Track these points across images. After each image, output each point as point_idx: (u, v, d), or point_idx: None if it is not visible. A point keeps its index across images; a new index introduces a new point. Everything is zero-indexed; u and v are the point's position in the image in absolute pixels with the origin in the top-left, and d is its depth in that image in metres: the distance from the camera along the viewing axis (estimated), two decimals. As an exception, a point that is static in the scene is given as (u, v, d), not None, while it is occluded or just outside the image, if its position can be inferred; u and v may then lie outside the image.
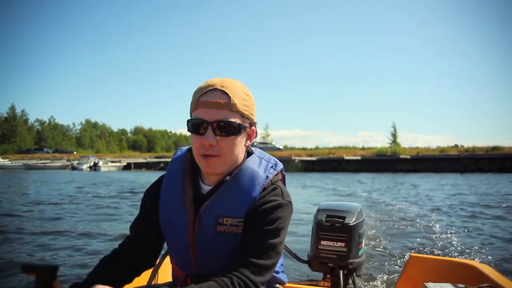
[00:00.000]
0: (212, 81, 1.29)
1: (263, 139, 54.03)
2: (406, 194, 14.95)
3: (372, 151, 45.66)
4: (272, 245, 1.25)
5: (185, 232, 1.33)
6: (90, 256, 5.28)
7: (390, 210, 10.20)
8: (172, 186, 1.38)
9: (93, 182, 22.37)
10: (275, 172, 1.36)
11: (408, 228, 7.65)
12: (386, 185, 19.92)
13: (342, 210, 2.74)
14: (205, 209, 1.30)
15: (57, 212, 9.65)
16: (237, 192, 1.30)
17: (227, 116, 1.24)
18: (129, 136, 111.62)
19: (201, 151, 1.26)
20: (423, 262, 2.58)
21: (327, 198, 14.32)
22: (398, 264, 4.90)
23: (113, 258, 1.38)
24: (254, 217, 1.27)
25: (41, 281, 1.07)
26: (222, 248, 1.31)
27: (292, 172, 35.31)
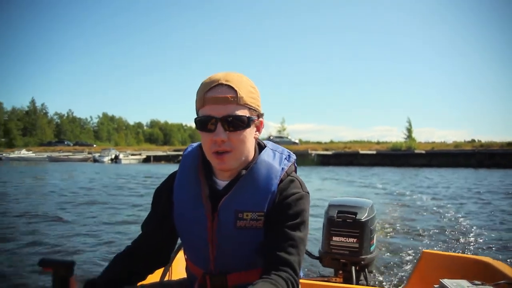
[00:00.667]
0: (216, 76, 1.28)
1: (279, 133, 55.01)
2: (419, 189, 14.94)
3: (387, 145, 46.17)
4: (302, 239, 1.26)
5: (203, 229, 1.32)
6: (106, 253, 5.32)
7: (402, 206, 10.20)
8: (186, 183, 1.38)
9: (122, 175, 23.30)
10: (289, 163, 1.37)
11: (420, 223, 7.62)
12: (400, 180, 20.18)
13: (354, 206, 2.77)
14: (223, 205, 1.29)
15: (79, 206, 9.96)
16: (254, 186, 1.30)
17: (235, 110, 1.23)
18: (145, 129, 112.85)
19: (213, 148, 1.25)
20: (436, 258, 2.56)
21: (346, 190, 15.02)
22: (410, 260, 4.88)
23: (127, 255, 1.38)
24: (278, 211, 1.28)
25: (58, 277, 1.07)
26: (242, 243, 1.30)
27: (308, 166, 36.04)
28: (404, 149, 41.34)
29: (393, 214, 8.81)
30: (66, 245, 5.74)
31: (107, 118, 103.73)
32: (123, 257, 1.37)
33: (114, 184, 16.71)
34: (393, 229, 7.00)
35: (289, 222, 1.25)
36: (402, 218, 8.20)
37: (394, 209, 9.48)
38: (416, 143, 45.07)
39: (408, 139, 47.90)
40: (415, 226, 7.36)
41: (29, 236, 6.28)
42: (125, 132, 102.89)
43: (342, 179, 20.73)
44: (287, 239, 1.23)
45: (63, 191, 13.65)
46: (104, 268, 1.33)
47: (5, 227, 7.05)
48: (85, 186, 15.33)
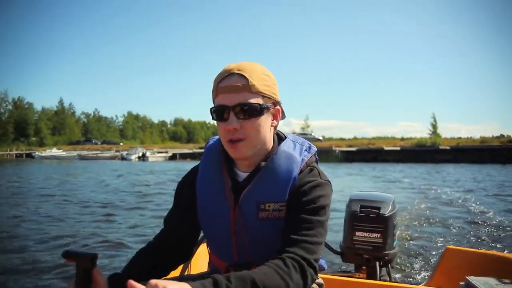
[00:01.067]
0: (229, 66, 1.29)
1: (303, 130, 55.39)
2: (443, 185, 14.92)
3: (411, 141, 45.91)
4: (319, 222, 1.24)
5: (227, 221, 1.32)
6: (130, 247, 5.43)
7: (425, 201, 10.09)
8: (209, 176, 1.38)
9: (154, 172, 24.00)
10: (309, 154, 1.37)
11: (443, 219, 7.55)
12: (424, 176, 20.24)
13: (376, 201, 2.74)
14: (244, 196, 1.30)
15: (108, 201, 10.29)
16: (275, 176, 1.30)
17: (248, 98, 1.23)
18: (169, 128, 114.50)
19: (227, 136, 1.26)
20: (460, 255, 2.50)
21: (368, 185, 15.28)
22: (432, 256, 4.84)
23: (149, 250, 1.38)
24: (295, 199, 1.27)
25: (81, 268, 1.09)
26: (265, 235, 1.30)
27: (332, 162, 36.27)
28: (429, 145, 41.00)
29: (416, 209, 8.77)
30: (90, 238, 5.98)
31: (132, 117, 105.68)
32: (146, 252, 1.37)
33: (157, 180, 17.46)
34: (416, 225, 6.95)
35: (306, 207, 1.25)
36: (425, 214, 8.17)
37: (417, 204, 9.45)
38: (441, 139, 44.76)
39: (433, 135, 47.61)
40: (438, 222, 7.34)
41: (55, 228, 6.69)
42: (150, 131, 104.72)
43: (367, 175, 21.01)
44: (302, 222, 1.23)
45: (106, 187, 14.45)
46: (127, 262, 1.34)
47: (37, 218, 7.60)
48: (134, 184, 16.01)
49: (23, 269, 4.49)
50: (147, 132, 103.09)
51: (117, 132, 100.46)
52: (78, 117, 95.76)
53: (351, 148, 43.45)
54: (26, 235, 6.20)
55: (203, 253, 1.68)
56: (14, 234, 6.32)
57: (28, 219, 7.64)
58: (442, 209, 8.82)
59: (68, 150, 60.81)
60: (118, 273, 1.27)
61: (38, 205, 9.61)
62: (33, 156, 54.51)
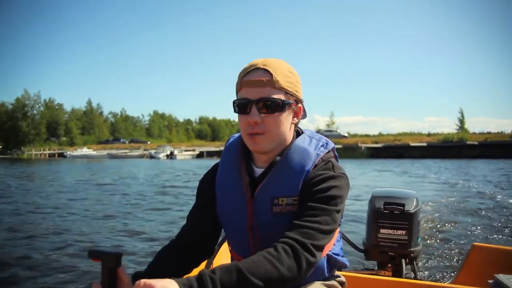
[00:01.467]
0: (255, 61, 1.30)
1: (328, 127, 55.52)
2: (468, 181, 14.82)
3: (438, 137, 45.68)
4: (324, 209, 1.22)
5: (243, 216, 1.34)
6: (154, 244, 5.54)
7: (450, 197, 10.04)
8: (228, 173, 1.40)
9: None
10: (326, 150, 1.36)
11: (469, 216, 7.48)
12: (450, 171, 20.23)
13: (400, 197, 2.70)
14: (259, 192, 1.31)
15: (140, 199, 10.59)
16: (289, 171, 1.30)
17: (270, 93, 1.25)
18: (194, 126, 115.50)
19: (248, 130, 1.27)
20: (487, 252, 2.45)
21: (393, 181, 15.36)
22: (458, 254, 4.79)
23: (172, 248, 1.39)
24: (306, 191, 1.27)
25: (107, 267, 1.11)
26: (279, 229, 1.27)
27: (358, 159, 36.45)
28: (456, 140, 40.81)
29: (441, 205, 8.73)
30: (115, 237, 6.09)
31: (158, 116, 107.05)
32: (168, 249, 1.39)
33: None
34: (441, 221, 6.86)
35: (314, 196, 1.24)
36: (450, 210, 8.11)
37: (441, 201, 9.40)
38: (469, 135, 44.27)
39: (460, 130, 47.06)
40: (464, 218, 7.28)
41: (82, 226, 6.93)
42: (176, 129, 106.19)
43: (392, 171, 21.20)
44: (306, 209, 1.22)
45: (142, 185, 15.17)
46: (150, 260, 1.36)
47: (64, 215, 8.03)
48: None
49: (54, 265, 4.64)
50: (174, 131, 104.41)
51: (144, 131, 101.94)
52: (106, 117, 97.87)
53: (377, 144, 43.63)
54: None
55: (226, 251, 1.67)
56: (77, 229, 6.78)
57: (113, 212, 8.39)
58: (467, 205, 8.77)
59: (97, 149, 62.54)
60: (141, 271, 1.30)
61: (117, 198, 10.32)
62: (65, 156, 56.31)
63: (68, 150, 61.71)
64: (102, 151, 58.91)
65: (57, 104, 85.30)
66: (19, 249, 5.34)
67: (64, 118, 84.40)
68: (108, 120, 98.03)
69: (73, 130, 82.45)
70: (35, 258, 4.92)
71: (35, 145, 70.56)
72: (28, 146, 70.99)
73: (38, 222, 7.32)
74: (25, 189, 13.52)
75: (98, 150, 61.00)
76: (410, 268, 2.76)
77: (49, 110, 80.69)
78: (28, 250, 5.29)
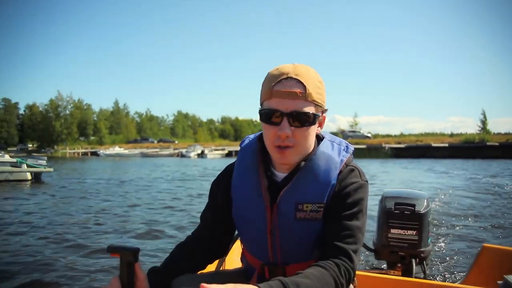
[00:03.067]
0: (285, 68, 1.26)
1: (352, 127, 57.26)
2: (483, 181, 14.74)
3: (459, 138, 46.89)
4: (359, 228, 1.26)
5: (262, 220, 1.33)
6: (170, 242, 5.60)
7: (462, 196, 10.14)
8: (245, 175, 1.38)
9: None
10: (347, 154, 1.36)
11: (479, 216, 7.49)
12: (468, 171, 20.53)
13: (411, 198, 2.72)
14: (283, 196, 1.29)
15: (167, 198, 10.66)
16: (314, 178, 1.29)
17: (303, 106, 1.22)
18: (217, 126, 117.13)
19: (276, 142, 1.24)
20: (498, 253, 2.43)
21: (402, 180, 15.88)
22: (468, 254, 4.78)
23: (187, 245, 1.43)
24: (336, 201, 1.27)
25: (125, 262, 1.16)
26: (301, 235, 1.30)
27: (382, 158, 38.11)
28: (477, 141, 41.92)
29: (452, 204, 8.80)
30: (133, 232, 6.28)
31: (182, 116, 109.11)
32: (183, 247, 1.43)
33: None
34: (451, 221, 6.93)
35: (347, 212, 1.25)
36: (461, 210, 8.16)
37: (452, 201, 9.45)
38: (490, 136, 45.49)
39: (482, 131, 48.22)
40: (475, 218, 7.31)
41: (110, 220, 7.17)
42: (201, 129, 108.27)
43: (415, 169, 22.29)
44: (344, 228, 1.23)
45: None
46: (166, 256, 1.40)
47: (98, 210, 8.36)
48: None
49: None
50: (201, 131, 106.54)
51: (168, 130, 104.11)
52: (131, 117, 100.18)
53: (400, 145, 45.09)
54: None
55: (238, 249, 1.72)
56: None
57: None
58: (480, 205, 8.83)
59: (128, 148, 64.93)
60: (157, 266, 1.35)
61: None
62: (98, 154, 58.46)
63: (101, 149, 64.15)
64: (133, 150, 61.11)
65: (86, 104, 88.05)
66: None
67: (92, 118, 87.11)
68: (134, 120, 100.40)
69: (102, 130, 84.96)
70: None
71: (67, 144, 73.63)
72: (61, 144, 74.14)
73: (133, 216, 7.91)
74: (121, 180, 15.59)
75: (129, 149, 63.31)
76: (420, 268, 2.78)
77: (78, 110, 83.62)
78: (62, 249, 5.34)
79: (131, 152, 58.63)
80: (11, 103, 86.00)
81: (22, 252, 5.10)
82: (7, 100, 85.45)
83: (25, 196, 11.32)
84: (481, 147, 40.06)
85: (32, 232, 6.23)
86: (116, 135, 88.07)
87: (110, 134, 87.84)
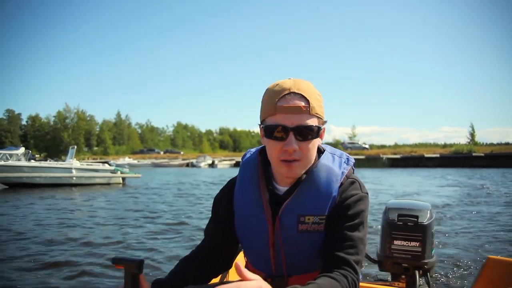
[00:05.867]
0: (286, 83, 1.29)
1: (350, 139, 61.42)
2: (479, 191, 15.14)
3: (450, 149, 51.48)
4: (361, 239, 1.29)
5: (265, 233, 1.36)
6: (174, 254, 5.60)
7: (463, 209, 10.12)
8: (247, 189, 1.41)
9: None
10: (348, 167, 1.39)
11: (483, 227, 7.49)
12: (459, 180, 21.52)
13: (414, 209, 2.74)
14: (285, 209, 1.33)
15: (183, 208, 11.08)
16: (316, 190, 1.33)
17: (307, 120, 1.26)
18: (215, 136, 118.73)
19: (283, 156, 1.27)
20: (503, 265, 2.34)
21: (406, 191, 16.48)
22: (473, 266, 4.77)
23: (191, 259, 1.46)
24: (338, 213, 1.30)
25: (129, 273, 1.16)
26: (304, 247, 1.33)
27: (380, 168, 42.13)
28: (465, 152, 46.51)
29: (455, 216, 8.82)
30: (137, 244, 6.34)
31: (181, 127, 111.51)
32: (188, 261, 1.45)
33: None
34: (455, 233, 6.92)
35: (349, 223, 1.29)
36: (463, 222, 8.16)
37: (455, 212, 9.56)
38: (477, 147, 50.36)
39: (470, 142, 52.96)
40: (478, 230, 7.26)
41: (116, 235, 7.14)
42: (200, 140, 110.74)
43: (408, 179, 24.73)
44: (346, 240, 1.26)
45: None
46: (170, 269, 1.43)
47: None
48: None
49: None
50: (205, 142, 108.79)
51: (168, 141, 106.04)
52: (134, 128, 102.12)
53: (396, 155, 49.31)
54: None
55: (241, 262, 1.56)
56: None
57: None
58: (481, 217, 8.81)
59: (137, 158, 67.71)
60: (161, 279, 1.36)
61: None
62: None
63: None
64: (143, 160, 63.87)
65: (89, 115, 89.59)
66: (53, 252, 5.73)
67: (96, 129, 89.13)
68: (136, 131, 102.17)
69: (107, 140, 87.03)
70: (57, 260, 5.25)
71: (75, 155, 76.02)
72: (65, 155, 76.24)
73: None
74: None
75: (138, 159, 66.07)
76: (424, 280, 2.76)
77: (81, 121, 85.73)
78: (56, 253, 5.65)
79: (141, 162, 61.15)
80: (15, 114, 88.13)
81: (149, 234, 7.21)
82: (10, 111, 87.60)
83: (121, 193, 16.00)
84: (469, 158, 44.38)
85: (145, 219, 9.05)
86: (119, 145, 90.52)
87: (113, 145, 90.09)
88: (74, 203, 12.77)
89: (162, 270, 4.76)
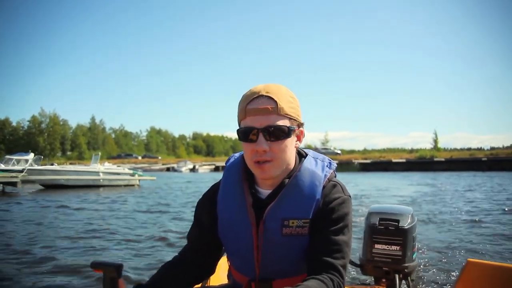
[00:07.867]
0: (256, 88, 1.32)
1: (323, 145, 64.94)
2: (452, 194, 15.57)
3: (415, 154, 56.70)
4: (346, 242, 1.31)
5: (249, 237, 1.36)
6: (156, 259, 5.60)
7: (440, 213, 10.22)
8: (230, 194, 1.42)
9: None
10: (330, 170, 1.41)
11: (462, 230, 7.56)
12: (426, 183, 22.87)
13: (395, 213, 2.75)
14: (269, 213, 1.33)
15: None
16: (299, 194, 1.34)
17: (276, 120, 1.27)
18: (189, 142, 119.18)
19: (255, 157, 1.30)
20: (483, 268, 2.36)
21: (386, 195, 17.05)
22: (453, 269, 4.78)
23: (173, 265, 1.45)
24: (322, 216, 1.31)
25: (108, 278, 1.14)
26: (288, 250, 1.34)
27: (352, 172, 45.48)
28: (428, 157, 51.32)
29: (433, 221, 8.86)
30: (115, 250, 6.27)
31: (155, 132, 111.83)
32: (170, 266, 1.44)
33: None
34: (434, 237, 6.96)
35: (333, 227, 1.30)
36: (443, 225, 8.23)
37: (433, 216, 9.61)
38: (438, 153, 55.61)
39: (434, 148, 58.12)
40: (457, 233, 7.32)
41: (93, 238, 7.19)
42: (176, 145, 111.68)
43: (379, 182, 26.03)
44: (332, 244, 1.28)
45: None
46: (152, 275, 1.40)
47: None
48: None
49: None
50: (182, 147, 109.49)
51: (142, 146, 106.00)
52: (108, 133, 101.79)
53: (366, 160, 53.71)
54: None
55: (224, 265, 1.69)
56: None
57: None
58: (461, 221, 8.85)
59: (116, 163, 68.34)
60: (142, 284, 1.34)
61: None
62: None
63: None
64: (123, 165, 64.47)
65: (62, 119, 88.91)
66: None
67: (69, 134, 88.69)
68: (110, 135, 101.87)
69: (82, 145, 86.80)
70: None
71: (50, 159, 76.45)
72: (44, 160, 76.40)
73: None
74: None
75: (118, 164, 66.83)
76: (405, 283, 2.77)
77: (57, 125, 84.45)
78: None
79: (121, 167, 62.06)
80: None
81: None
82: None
83: (137, 194, 18.45)
84: (431, 162, 49.01)
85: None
86: (95, 150, 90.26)
87: (88, 150, 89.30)
88: (113, 200, 15.05)
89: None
